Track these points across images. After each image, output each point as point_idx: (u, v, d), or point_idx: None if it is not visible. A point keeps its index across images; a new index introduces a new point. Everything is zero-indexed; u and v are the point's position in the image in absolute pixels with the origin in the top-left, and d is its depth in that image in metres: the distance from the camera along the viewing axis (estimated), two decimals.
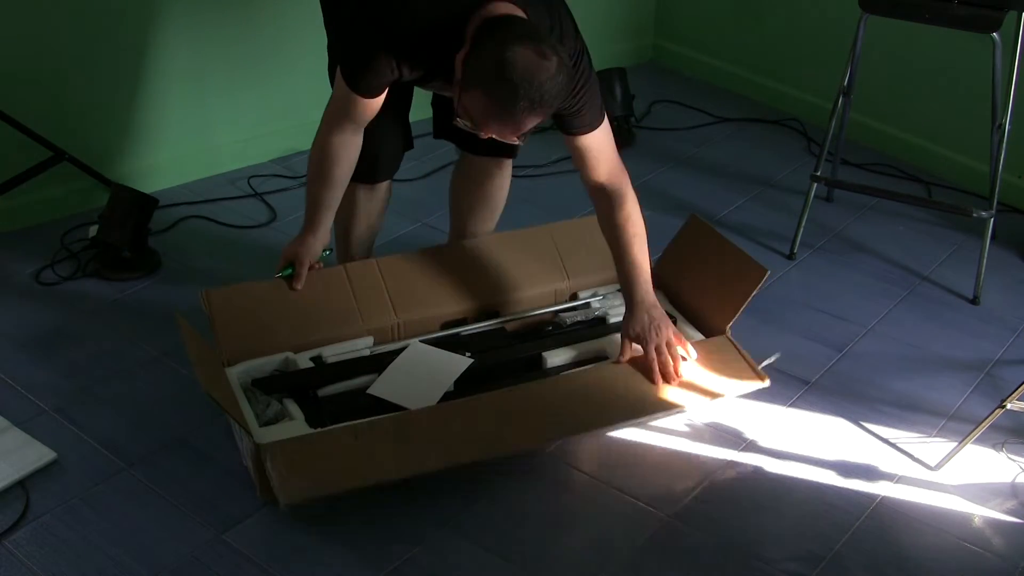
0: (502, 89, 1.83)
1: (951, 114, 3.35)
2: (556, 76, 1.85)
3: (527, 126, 1.91)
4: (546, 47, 1.85)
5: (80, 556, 1.92)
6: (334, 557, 1.94)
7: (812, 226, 3.02)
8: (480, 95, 1.87)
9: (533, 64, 1.82)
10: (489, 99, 1.86)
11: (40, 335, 2.50)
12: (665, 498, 2.10)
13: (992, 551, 2.01)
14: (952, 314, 2.72)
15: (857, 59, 2.85)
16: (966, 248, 3.00)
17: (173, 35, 2.99)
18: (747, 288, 2.30)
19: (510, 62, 1.81)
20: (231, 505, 2.04)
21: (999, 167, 2.74)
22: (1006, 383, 2.44)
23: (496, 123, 1.90)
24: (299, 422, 2.08)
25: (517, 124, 1.89)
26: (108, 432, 2.21)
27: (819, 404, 2.38)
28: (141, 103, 3.02)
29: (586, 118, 2.14)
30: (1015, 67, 2.64)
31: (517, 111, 1.85)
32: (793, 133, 3.66)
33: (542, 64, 1.83)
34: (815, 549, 1.99)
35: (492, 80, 1.84)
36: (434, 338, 2.38)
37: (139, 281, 2.71)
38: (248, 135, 3.27)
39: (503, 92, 1.83)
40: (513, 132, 1.91)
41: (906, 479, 2.17)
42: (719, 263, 2.43)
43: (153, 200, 2.75)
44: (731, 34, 3.93)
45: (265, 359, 2.26)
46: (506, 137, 1.93)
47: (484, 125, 1.92)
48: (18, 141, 2.76)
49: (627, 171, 2.26)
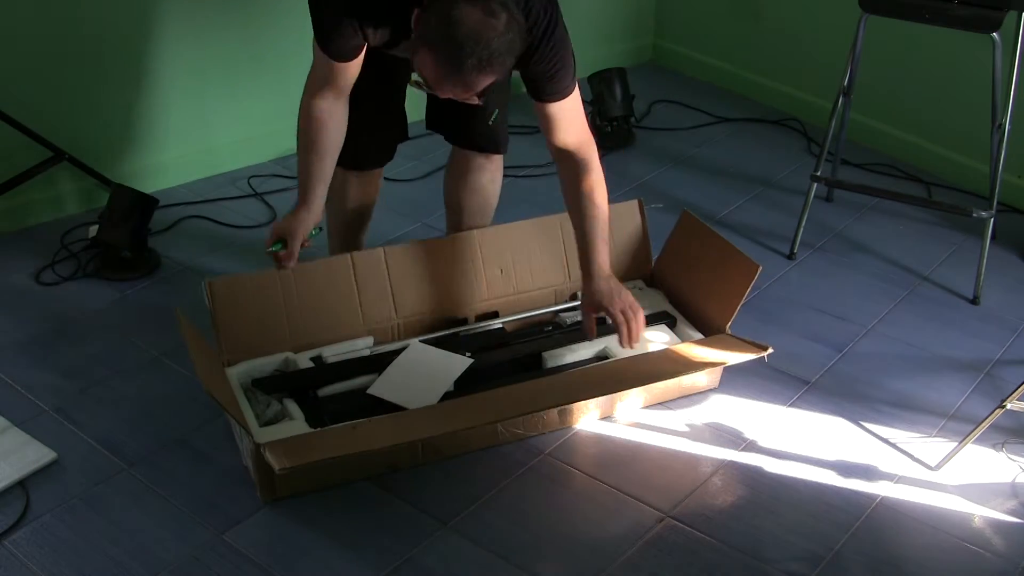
0: (449, 47, 1.82)
1: (951, 114, 3.35)
2: (505, 34, 1.83)
3: (479, 85, 1.89)
4: (495, 4, 1.83)
5: (80, 556, 1.92)
6: (334, 557, 1.94)
7: (812, 226, 3.02)
8: (429, 55, 1.86)
9: (479, 22, 1.80)
10: (437, 58, 1.85)
11: (40, 335, 2.50)
12: (665, 498, 2.10)
13: (992, 551, 2.01)
14: (952, 314, 2.72)
15: (857, 59, 2.85)
16: (966, 248, 3.00)
17: (173, 35, 2.99)
18: (742, 285, 2.31)
19: (456, 20, 1.80)
20: (231, 505, 2.04)
21: (999, 167, 2.74)
22: (1006, 383, 2.44)
23: (447, 82, 1.89)
24: (299, 422, 2.09)
25: (468, 83, 1.88)
26: (108, 432, 2.21)
27: (819, 404, 2.38)
28: (141, 103, 3.02)
29: (560, 84, 2.11)
30: (1015, 67, 2.64)
31: (465, 69, 1.84)
32: (793, 133, 3.66)
33: (488, 22, 1.81)
34: (815, 549, 1.99)
35: (439, 39, 1.83)
36: (434, 338, 2.38)
37: (139, 281, 2.71)
38: (248, 135, 3.27)
39: (450, 51, 1.82)
40: (465, 91, 1.90)
41: (906, 479, 2.17)
42: (713, 260, 2.44)
43: (153, 200, 2.75)
44: (731, 34, 3.93)
45: (265, 359, 2.26)
46: (461, 96, 1.92)
47: (437, 84, 1.91)
48: (18, 141, 2.76)
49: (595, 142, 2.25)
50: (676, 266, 2.56)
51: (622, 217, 2.59)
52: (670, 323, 2.45)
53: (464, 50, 1.82)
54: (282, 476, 1.98)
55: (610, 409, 2.29)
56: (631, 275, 2.61)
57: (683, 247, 2.55)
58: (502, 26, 1.83)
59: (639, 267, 2.62)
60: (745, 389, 2.41)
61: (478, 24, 1.81)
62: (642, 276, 2.63)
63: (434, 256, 2.42)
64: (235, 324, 2.24)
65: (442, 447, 2.14)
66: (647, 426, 2.29)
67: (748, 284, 2.29)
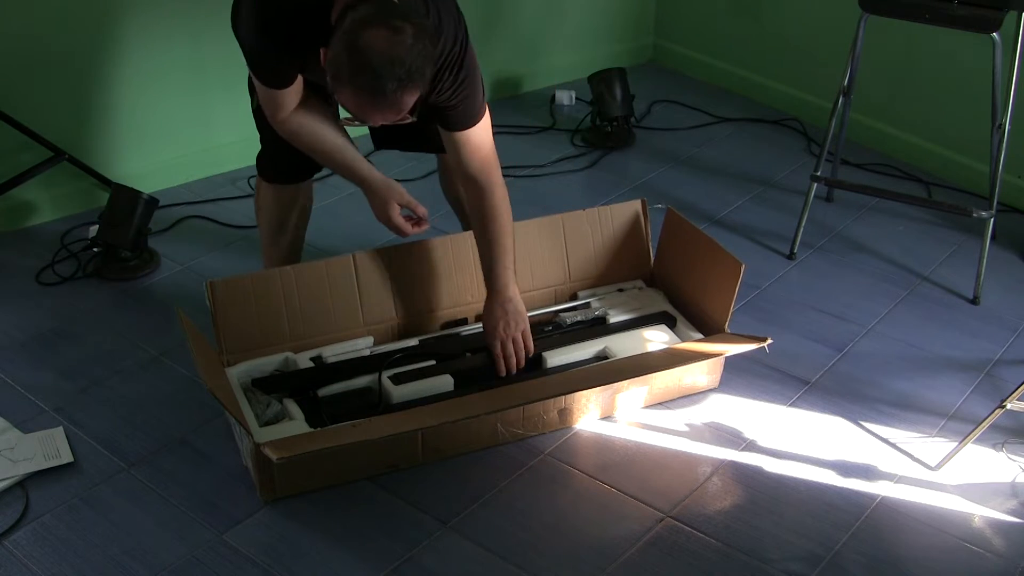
0: (365, 78, 1.76)
1: (951, 114, 3.34)
2: (415, 44, 1.77)
3: (408, 104, 1.83)
4: (395, 20, 1.76)
5: (80, 556, 1.92)
6: (334, 557, 1.94)
7: (812, 226, 3.02)
8: (348, 90, 1.80)
9: (386, 41, 1.74)
10: (358, 92, 1.79)
11: (40, 335, 2.50)
12: (665, 498, 2.10)
13: (992, 551, 2.01)
14: (952, 314, 2.72)
15: (857, 59, 2.85)
16: (966, 248, 3.00)
17: (173, 35, 2.99)
18: (731, 284, 2.31)
19: (363, 47, 1.74)
20: (231, 505, 2.04)
21: (999, 167, 2.74)
22: (1006, 383, 2.44)
23: (375, 112, 1.83)
24: (299, 422, 2.09)
25: (397, 107, 1.81)
26: (108, 432, 2.21)
27: (819, 404, 2.38)
28: (141, 103, 3.02)
29: (466, 113, 2.08)
30: (1015, 67, 2.64)
31: (388, 94, 1.78)
32: (793, 133, 3.66)
33: (395, 39, 1.75)
34: (815, 549, 1.99)
35: (354, 72, 1.76)
36: (434, 337, 2.38)
37: (139, 281, 2.71)
38: (248, 135, 3.25)
39: (368, 81, 1.76)
40: (397, 115, 1.84)
41: (906, 479, 2.17)
42: (701, 258, 2.45)
43: (153, 200, 2.75)
44: (731, 34, 3.93)
45: (265, 359, 2.26)
46: (393, 120, 1.86)
47: (366, 116, 1.86)
48: (18, 141, 2.76)
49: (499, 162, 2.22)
50: (672, 266, 2.56)
51: (623, 217, 2.59)
52: (670, 323, 2.45)
53: (382, 77, 1.75)
54: (281, 473, 1.99)
55: (611, 408, 2.29)
56: (632, 275, 2.61)
57: (674, 246, 2.56)
58: (410, 39, 1.77)
59: (640, 267, 2.62)
60: (745, 389, 2.41)
61: (386, 45, 1.75)
62: (643, 276, 2.63)
63: (434, 256, 2.42)
64: (235, 324, 2.24)
65: (442, 447, 2.14)
66: (647, 426, 2.29)
67: (735, 283, 2.30)
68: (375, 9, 1.79)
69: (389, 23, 1.76)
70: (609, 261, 2.57)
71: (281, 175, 2.34)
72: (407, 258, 2.41)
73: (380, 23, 1.76)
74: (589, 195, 2.36)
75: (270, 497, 2.04)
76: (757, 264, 2.87)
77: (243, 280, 2.26)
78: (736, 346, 2.26)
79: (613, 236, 2.58)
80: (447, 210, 2.67)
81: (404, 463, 2.12)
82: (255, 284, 2.27)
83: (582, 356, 2.35)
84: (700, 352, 2.30)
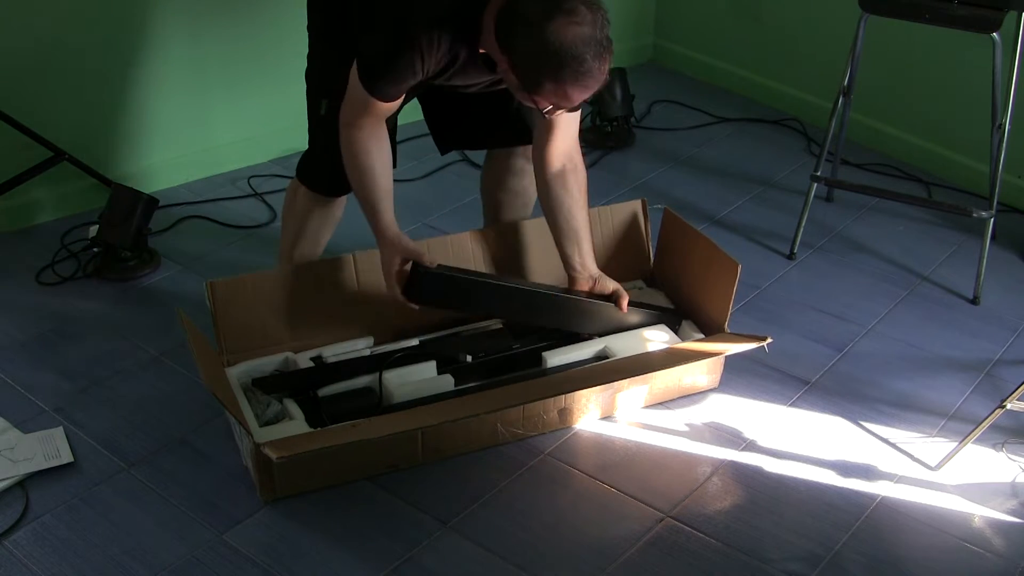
0: (573, 66, 1.85)
1: (951, 114, 3.35)
2: (595, 16, 1.86)
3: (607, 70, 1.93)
4: (565, 4, 1.84)
5: (80, 556, 1.92)
6: (334, 557, 1.94)
7: (812, 226, 3.02)
8: (557, 86, 1.88)
9: (573, 26, 1.83)
10: (570, 82, 1.88)
11: (40, 335, 2.50)
12: (665, 498, 2.10)
13: (992, 551, 2.01)
14: (952, 314, 2.72)
15: (857, 59, 2.85)
16: (966, 248, 3.00)
17: (173, 35, 2.99)
18: (729, 284, 2.31)
19: (557, 41, 1.82)
20: (231, 505, 2.04)
21: (999, 167, 2.74)
22: (1006, 383, 2.44)
23: (586, 94, 1.93)
24: (299, 422, 2.09)
25: (602, 78, 1.92)
26: (108, 432, 2.21)
27: (819, 404, 2.38)
28: (141, 103, 3.02)
29: None
30: (1015, 67, 2.64)
31: (595, 73, 1.88)
32: (793, 133, 3.66)
33: (574, 20, 1.83)
34: (815, 549, 1.99)
35: (558, 66, 1.85)
36: (433, 337, 2.38)
37: (139, 281, 2.71)
38: (248, 135, 3.27)
39: (576, 67, 1.85)
40: (600, 85, 1.94)
41: (906, 479, 2.17)
42: (700, 258, 2.46)
43: (153, 200, 2.75)
44: (731, 34, 3.93)
45: (265, 359, 2.26)
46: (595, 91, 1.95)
47: (574, 102, 1.94)
48: (18, 141, 2.76)
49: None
50: (671, 265, 2.57)
51: (623, 217, 2.59)
52: (675, 321, 2.45)
53: (585, 61, 1.85)
54: (281, 473, 1.99)
55: (611, 408, 2.29)
56: (632, 275, 2.61)
57: (673, 246, 2.56)
58: (588, 15, 1.85)
59: (640, 267, 2.62)
60: (745, 389, 2.41)
61: (576, 30, 1.83)
62: (643, 276, 2.63)
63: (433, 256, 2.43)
64: (235, 324, 2.24)
65: (442, 447, 2.14)
66: (647, 426, 2.29)
67: (733, 283, 2.30)
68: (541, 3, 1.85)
69: (562, 7, 1.83)
70: (609, 261, 2.56)
71: (336, 187, 2.31)
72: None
73: (557, 13, 1.83)
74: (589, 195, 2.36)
75: (270, 497, 2.04)
76: (757, 264, 2.87)
77: (243, 280, 2.26)
78: (736, 345, 2.26)
79: (613, 236, 2.58)
80: (448, 210, 2.67)
81: (404, 463, 2.12)
82: (255, 284, 2.27)
83: (582, 356, 2.35)
84: (700, 351, 2.30)
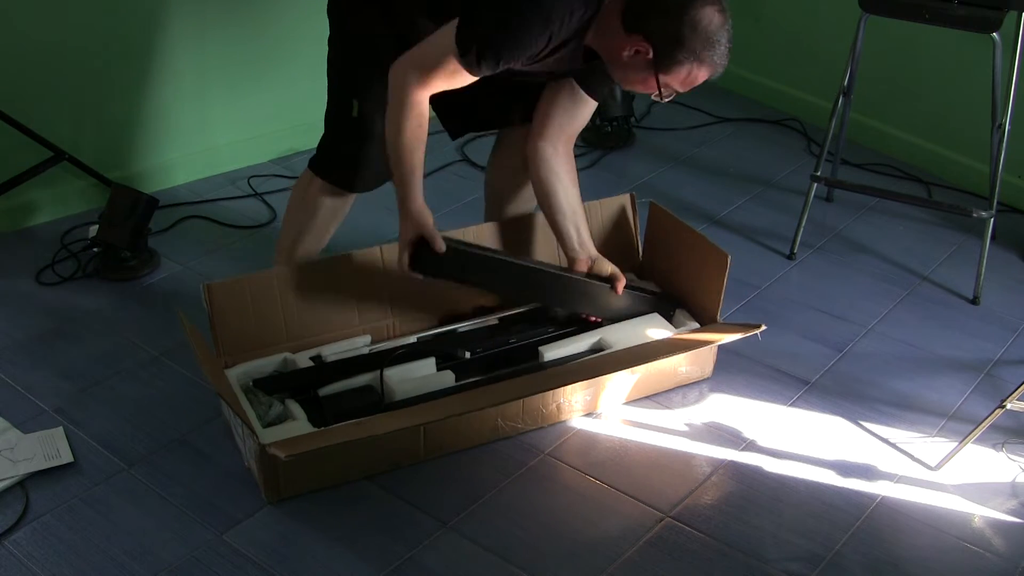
0: (712, 49, 1.98)
1: (951, 114, 3.35)
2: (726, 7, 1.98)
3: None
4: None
5: (80, 556, 1.92)
6: (334, 557, 1.94)
7: (812, 226, 3.02)
8: (692, 66, 1.99)
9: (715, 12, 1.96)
10: (707, 63, 1.99)
11: (40, 335, 2.50)
12: (665, 498, 2.10)
13: (992, 551, 2.01)
14: (952, 314, 2.72)
15: (857, 59, 2.85)
16: (966, 248, 3.00)
17: (173, 36, 2.99)
18: (719, 275, 2.33)
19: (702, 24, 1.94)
20: (231, 505, 2.04)
21: (999, 167, 2.74)
22: (1006, 383, 2.44)
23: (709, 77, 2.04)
24: (302, 422, 2.09)
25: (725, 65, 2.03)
26: (108, 432, 2.21)
27: (819, 404, 2.38)
28: (141, 103, 3.02)
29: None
30: (1015, 67, 2.64)
31: (725, 57, 2.01)
32: (793, 133, 3.67)
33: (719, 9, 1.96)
34: (815, 549, 1.99)
35: (701, 48, 1.96)
36: (431, 335, 2.38)
37: (139, 281, 2.71)
38: (248, 135, 3.27)
39: (713, 50, 1.98)
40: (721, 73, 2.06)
41: (906, 479, 2.18)
42: (689, 250, 2.46)
43: (153, 200, 2.75)
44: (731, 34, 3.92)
45: (265, 360, 2.26)
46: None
47: (697, 82, 2.04)
48: (18, 141, 2.76)
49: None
50: (660, 258, 2.58)
51: (612, 212, 2.60)
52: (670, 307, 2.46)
53: (722, 44, 1.98)
54: (287, 473, 1.99)
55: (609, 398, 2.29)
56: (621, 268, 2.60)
57: (660, 239, 2.57)
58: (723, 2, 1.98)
59: (629, 260, 2.62)
60: (745, 389, 2.41)
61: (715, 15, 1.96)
62: (632, 270, 2.63)
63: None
64: (233, 327, 2.24)
65: (444, 440, 2.14)
66: (647, 426, 2.29)
67: (723, 274, 2.32)
68: None
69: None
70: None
71: (363, 184, 2.31)
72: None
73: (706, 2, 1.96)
74: (589, 195, 2.36)
75: (275, 498, 2.04)
76: (757, 264, 2.87)
77: (240, 281, 2.26)
78: (730, 335, 2.27)
79: (602, 230, 2.59)
80: (448, 210, 2.67)
81: (406, 460, 2.13)
82: (252, 285, 2.26)
83: (578, 349, 2.35)
84: (696, 341, 2.31)
